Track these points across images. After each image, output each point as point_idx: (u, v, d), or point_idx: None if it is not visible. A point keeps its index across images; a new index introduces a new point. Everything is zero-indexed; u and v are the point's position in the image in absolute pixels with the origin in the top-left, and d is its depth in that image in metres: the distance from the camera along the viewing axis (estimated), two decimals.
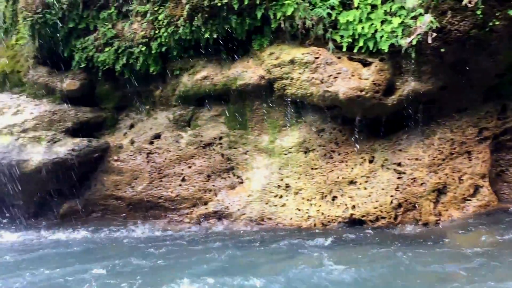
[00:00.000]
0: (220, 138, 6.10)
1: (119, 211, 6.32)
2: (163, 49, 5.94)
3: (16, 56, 6.59)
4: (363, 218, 5.41)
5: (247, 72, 5.78)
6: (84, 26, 6.14)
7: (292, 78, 5.49)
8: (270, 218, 5.71)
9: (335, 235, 5.20)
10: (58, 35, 6.11)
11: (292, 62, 5.46)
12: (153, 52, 5.95)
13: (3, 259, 4.86)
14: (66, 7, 5.99)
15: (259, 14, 5.54)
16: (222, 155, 6.06)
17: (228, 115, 6.06)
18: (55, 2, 5.93)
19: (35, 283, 4.06)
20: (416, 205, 5.31)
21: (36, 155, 5.98)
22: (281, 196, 5.73)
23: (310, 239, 5.06)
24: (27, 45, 6.38)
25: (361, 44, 5.12)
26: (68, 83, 6.28)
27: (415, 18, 4.91)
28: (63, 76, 6.32)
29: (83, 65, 6.20)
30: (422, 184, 5.35)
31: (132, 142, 6.35)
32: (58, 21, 6.02)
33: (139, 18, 5.96)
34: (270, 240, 5.13)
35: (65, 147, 6.07)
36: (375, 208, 5.38)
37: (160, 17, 5.80)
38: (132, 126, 6.47)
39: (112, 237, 5.80)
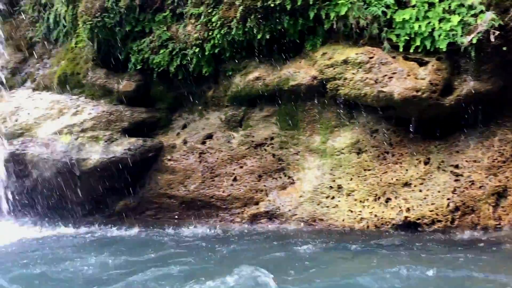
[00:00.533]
0: (272, 138, 6.12)
1: (172, 209, 6.45)
2: (216, 50, 6.02)
3: (76, 58, 6.85)
4: (418, 221, 5.29)
5: (300, 72, 5.77)
6: (140, 28, 6.31)
7: (345, 79, 5.44)
8: (321, 219, 5.68)
9: (388, 237, 5.14)
10: (115, 38, 6.31)
11: (345, 62, 5.41)
12: (206, 53, 6.05)
13: (57, 251, 5.11)
14: (123, 11, 6.18)
15: (311, 14, 5.52)
16: (274, 155, 6.08)
17: (279, 115, 6.08)
18: (113, 6, 6.14)
19: (88, 271, 4.31)
20: (475, 209, 5.15)
21: (94, 154, 6.20)
22: (333, 197, 5.70)
23: (362, 241, 5.02)
24: (86, 48, 6.62)
25: (417, 43, 5.01)
26: (125, 85, 6.48)
27: (475, 16, 4.76)
28: (119, 78, 6.52)
29: (139, 67, 6.38)
30: (481, 187, 5.18)
31: (185, 142, 6.47)
32: (116, 24, 6.23)
33: (193, 20, 6.07)
34: (322, 241, 5.12)
35: (122, 147, 6.27)
36: (431, 211, 5.26)
37: (213, 19, 5.89)
38: (185, 126, 6.60)
39: (164, 234, 5.92)
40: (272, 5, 5.49)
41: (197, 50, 6.06)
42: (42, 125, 6.56)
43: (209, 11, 5.93)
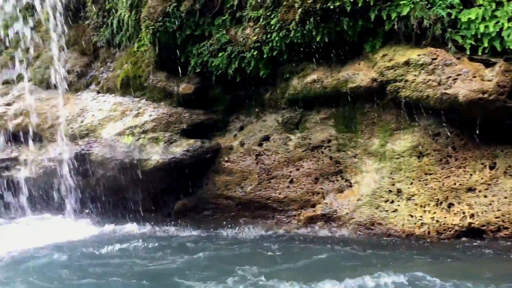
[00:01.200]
0: (329, 141, 6.08)
1: (228, 210, 6.53)
2: (274, 53, 6.05)
3: (138, 62, 7.08)
4: (483, 228, 5.10)
5: (358, 74, 5.71)
6: (199, 32, 6.44)
7: (406, 81, 5.33)
8: (380, 224, 5.58)
9: (451, 244, 5.00)
10: (176, 41, 6.47)
11: (407, 63, 5.31)
12: (264, 56, 6.09)
13: (120, 248, 5.32)
14: (184, 15, 6.34)
15: (372, 16, 5.45)
16: (331, 158, 6.04)
17: (337, 118, 6.04)
18: (174, 11, 6.31)
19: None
20: None
21: (155, 154, 6.39)
22: (392, 201, 5.59)
23: (423, 248, 4.90)
24: (147, 51, 6.82)
25: (485, 44, 4.84)
26: (184, 87, 6.63)
27: None
28: (179, 81, 6.68)
29: (198, 70, 6.52)
30: None
31: (242, 144, 6.54)
32: (176, 28, 6.39)
33: (251, 23, 6.14)
34: (381, 246, 5.05)
35: (181, 148, 6.42)
36: (496, 217, 5.06)
37: (272, 22, 5.93)
38: (242, 128, 6.67)
39: (221, 234, 6.03)
40: (331, 7, 5.47)
41: (255, 53, 6.12)
42: (105, 126, 6.84)
43: (268, 14, 5.98)
